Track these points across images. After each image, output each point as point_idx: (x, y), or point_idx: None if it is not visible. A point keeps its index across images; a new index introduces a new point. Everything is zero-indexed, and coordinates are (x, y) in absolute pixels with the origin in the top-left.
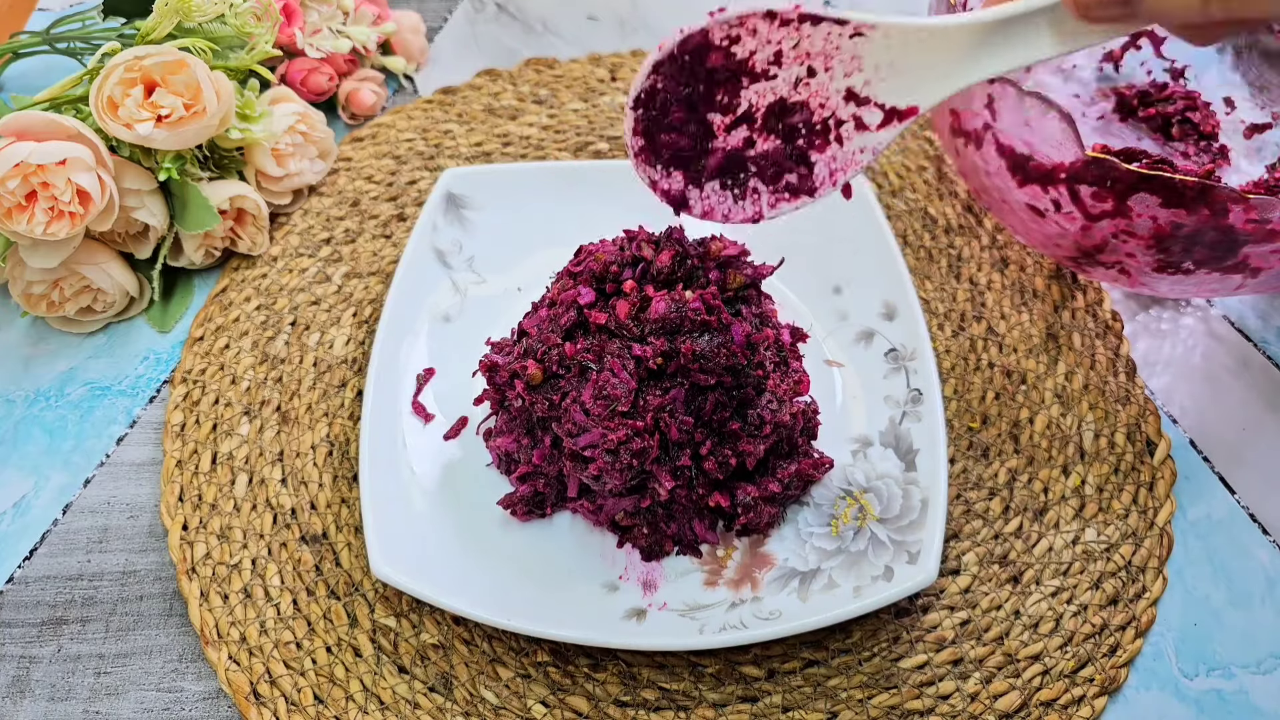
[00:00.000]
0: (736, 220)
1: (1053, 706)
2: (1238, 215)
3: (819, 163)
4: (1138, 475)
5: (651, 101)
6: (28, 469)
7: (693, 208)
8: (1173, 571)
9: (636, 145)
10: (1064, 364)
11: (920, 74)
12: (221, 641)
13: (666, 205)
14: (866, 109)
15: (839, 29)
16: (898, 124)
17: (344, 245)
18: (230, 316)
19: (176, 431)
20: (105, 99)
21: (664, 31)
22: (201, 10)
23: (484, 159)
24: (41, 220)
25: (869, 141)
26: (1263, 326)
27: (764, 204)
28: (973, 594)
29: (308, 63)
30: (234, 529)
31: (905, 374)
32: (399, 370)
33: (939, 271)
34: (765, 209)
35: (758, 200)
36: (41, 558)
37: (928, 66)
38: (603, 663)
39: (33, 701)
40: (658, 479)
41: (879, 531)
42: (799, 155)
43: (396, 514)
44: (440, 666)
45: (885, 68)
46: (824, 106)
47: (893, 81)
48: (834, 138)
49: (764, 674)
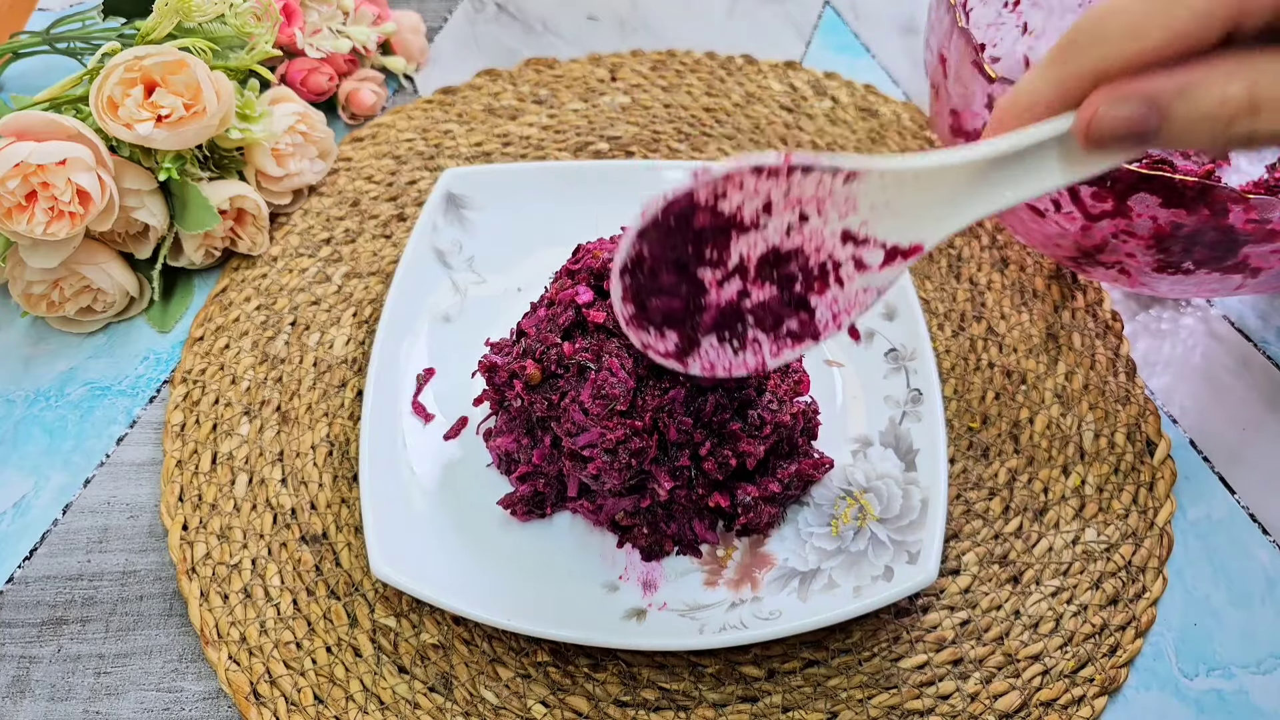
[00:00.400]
0: (739, 373)
1: (1053, 706)
2: (1238, 215)
3: (820, 306)
4: (1138, 475)
5: (639, 268)
6: (28, 469)
7: (691, 366)
8: (1173, 571)
9: (628, 312)
10: (1064, 364)
11: (921, 213)
12: (221, 641)
13: (666, 365)
14: (866, 249)
15: (831, 175)
16: (902, 261)
17: (344, 245)
18: (230, 316)
19: (176, 431)
20: (105, 99)
21: (664, 31)
22: (201, 10)
23: (484, 159)
24: (41, 220)
25: (873, 281)
26: (1263, 326)
27: (766, 353)
28: (973, 594)
29: (308, 63)
30: (234, 529)
31: (905, 374)
32: (399, 370)
33: (939, 271)
34: (768, 358)
35: (759, 350)
36: (41, 558)
37: (928, 206)
38: (603, 663)
39: (33, 701)
40: (657, 479)
41: (879, 531)
42: (798, 301)
43: (396, 514)
44: (440, 666)
45: (882, 208)
46: (820, 250)
47: (891, 221)
48: (833, 280)
49: (764, 674)
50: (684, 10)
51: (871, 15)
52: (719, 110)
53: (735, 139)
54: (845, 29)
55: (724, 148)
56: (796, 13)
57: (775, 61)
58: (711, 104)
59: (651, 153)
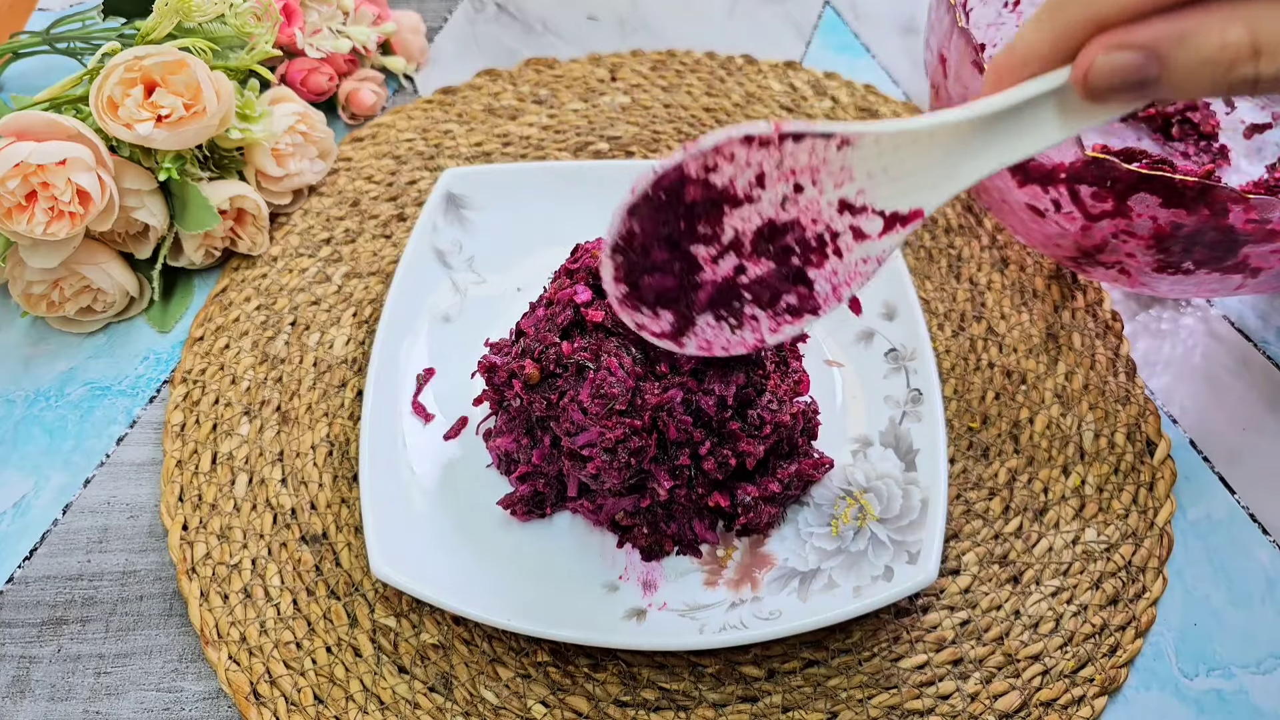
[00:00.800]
0: (737, 351)
1: (1053, 706)
2: (1238, 215)
3: (819, 279)
4: (1138, 475)
5: (630, 246)
6: (28, 469)
7: (687, 345)
8: (1173, 571)
9: (620, 292)
10: (1064, 364)
11: (919, 177)
12: (221, 641)
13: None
14: (864, 217)
15: (824, 141)
16: (901, 229)
17: (344, 245)
18: (230, 316)
19: (176, 431)
20: (105, 99)
21: (664, 31)
22: (201, 10)
23: (484, 159)
24: (41, 220)
25: (872, 250)
26: (1263, 326)
27: (765, 330)
28: (973, 594)
29: (308, 63)
30: (234, 529)
31: (905, 374)
32: (399, 370)
33: (939, 271)
34: (766, 335)
35: (757, 327)
36: (41, 558)
37: (925, 169)
38: (603, 663)
39: (33, 701)
40: (656, 479)
41: (879, 531)
42: (796, 275)
43: (396, 514)
44: (440, 666)
45: (879, 174)
46: (816, 221)
47: (889, 188)
48: (831, 251)
49: (764, 674)
50: (684, 10)
51: (871, 15)
52: (719, 110)
53: None
54: (845, 29)
55: None
56: (796, 13)
57: (775, 61)
58: (711, 104)
59: (651, 153)
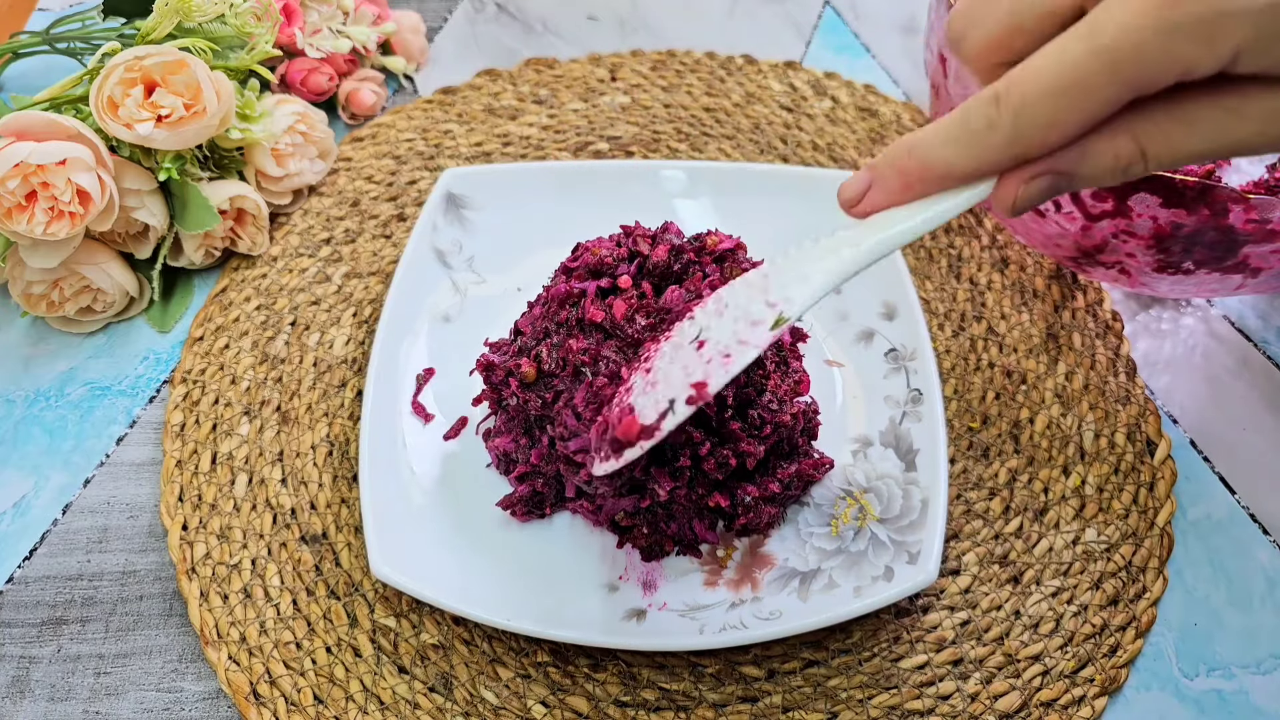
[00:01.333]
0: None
1: (1053, 707)
2: (1238, 215)
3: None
4: (1138, 475)
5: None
6: (28, 469)
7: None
8: (1173, 571)
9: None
10: (1064, 364)
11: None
12: (221, 641)
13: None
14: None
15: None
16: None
17: (344, 245)
18: (230, 316)
19: (176, 431)
20: (105, 99)
21: (664, 31)
22: (201, 10)
23: (484, 159)
24: (41, 220)
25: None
26: (1263, 326)
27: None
28: (973, 594)
29: (308, 63)
30: (234, 529)
31: (905, 374)
32: (399, 370)
33: (939, 271)
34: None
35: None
36: (41, 558)
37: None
38: (603, 663)
39: (33, 701)
40: (656, 480)
41: (879, 532)
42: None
43: (396, 514)
44: (440, 666)
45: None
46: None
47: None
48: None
49: (764, 674)
50: (684, 10)
51: (871, 15)
52: (719, 110)
53: (735, 139)
54: (845, 29)
55: (724, 148)
56: (796, 13)
57: (775, 61)
58: (711, 104)
59: (651, 153)
